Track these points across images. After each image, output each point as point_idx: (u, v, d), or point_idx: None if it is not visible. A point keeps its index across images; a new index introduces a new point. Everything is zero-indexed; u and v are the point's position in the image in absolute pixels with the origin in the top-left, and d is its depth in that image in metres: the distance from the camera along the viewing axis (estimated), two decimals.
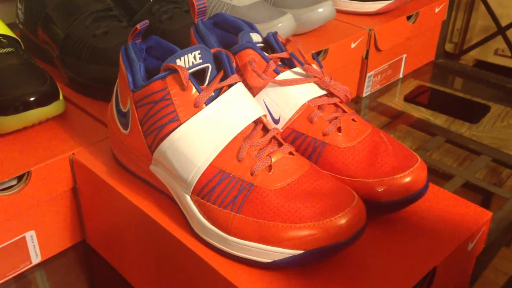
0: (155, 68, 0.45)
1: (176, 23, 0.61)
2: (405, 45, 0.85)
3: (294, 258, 0.35)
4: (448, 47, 1.36)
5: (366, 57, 0.78)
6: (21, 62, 0.52)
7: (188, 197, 0.39)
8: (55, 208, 0.50)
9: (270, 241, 0.35)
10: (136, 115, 0.42)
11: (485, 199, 0.64)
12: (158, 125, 0.40)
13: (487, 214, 0.43)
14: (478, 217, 0.42)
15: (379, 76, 0.83)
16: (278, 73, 0.44)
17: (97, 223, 0.51)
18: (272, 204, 0.36)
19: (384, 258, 0.38)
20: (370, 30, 0.75)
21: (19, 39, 0.57)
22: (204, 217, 0.38)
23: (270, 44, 0.46)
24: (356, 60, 0.78)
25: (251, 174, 0.37)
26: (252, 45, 0.44)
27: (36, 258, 0.51)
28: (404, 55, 0.86)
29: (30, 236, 0.49)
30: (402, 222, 0.41)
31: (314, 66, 0.46)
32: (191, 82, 0.39)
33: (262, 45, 0.46)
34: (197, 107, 0.39)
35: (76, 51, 0.57)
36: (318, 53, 0.70)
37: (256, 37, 0.46)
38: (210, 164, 0.38)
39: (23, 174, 0.46)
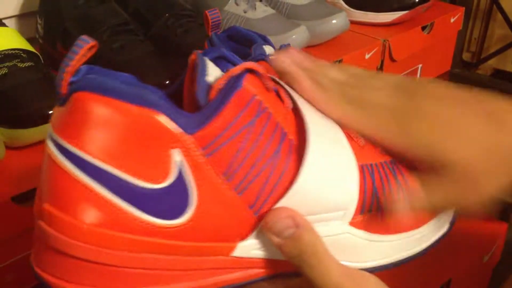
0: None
1: (191, 37, 0.62)
2: (421, 55, 0.85)
3: None
4: (466, 56, 1.35)
5: (381, 68, 0.78)
6: (40, 76, 0.53)
7: (346, 227, 0.30)
8: None
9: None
10: (211, 171, 0.27)
11: (503, 208, 0.63)
12: (268, 157, 0.28)
13: (503, 225, 0.42)
14: (493, 228, 0.42)
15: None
16: None
17: None
18: (415, 165, 0.33)
19: (398, 271, 0.38)
20: (384, 40, 0.75)
21: (38, 54, 0.58)
22: (367, 232, 0.31)
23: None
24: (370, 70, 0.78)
25: (382, 153, 0.33)
26: (265, 58, 0.45)
27: None
28: (420, 65, 0.86)
29: None
30: None
31: None
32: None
33: None
34: (289, 108, 0.30)
35: (93, 64, 0.58)
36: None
37: (269, 50, 0.47)
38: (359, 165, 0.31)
39: None
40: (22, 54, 0.55)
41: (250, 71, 0.28)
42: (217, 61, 0.29)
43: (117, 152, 0.25)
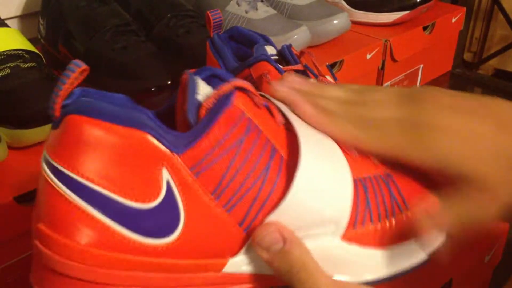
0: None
1: (193, 37, 0.62)
2: (422, 55, 0.85)
3: None
4: (467, 56, 1.35)
5: (382, 68, 0.78)
6: (43, 76, 0.53)
7: (337, 241, 0.30)
8: None
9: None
10: (200, 190, 0.27)
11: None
12: (258, 174, 0.28)
13: (504, 226, 0.42)
14: (495, 228, 0.42)
15: (395, 87, 0.83)
16: None
17: None
18: (415, 177, 0.33)
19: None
20: (386, 40, 0.75)
21: (41, 54, 0.59)
22: (360, 245, 0.31)
23: (284, 57, 0.47)
24: (372, 70, 0.78)
25: (376, 165, 0.32)
26: (266, 58, 0.45)
27: None
28: (421, 65, 0.86)
29: None
30: None
31: (328, 77, 0.46)
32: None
33: (276, 57, 0.47)
34: (280, 125, 0.30)
35: (95, 65, 0.59)
36: (333, 64, 0.70)
37: (270, 50, 0.47)
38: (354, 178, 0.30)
39: None
40: (24, 55, 0.56)
41: (240, 88, 0.28)
42: (210, 79, 0.30)
43: (108, 173, 0.26)
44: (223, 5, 0.70)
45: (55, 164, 0.26)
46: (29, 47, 0.58)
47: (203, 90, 0.28)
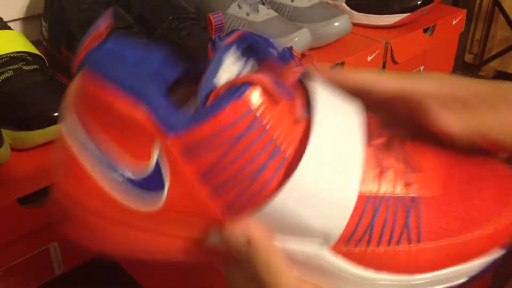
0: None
1: (194, 39, 0.62)
2: (423, 57, 0.85)
3: (495, 261, 0.30)
4: (468, 58, 1.35)
5: (383, 70, 0.78)
6: (45, 78, 0.54)
7: (324, 251, 0.28)
8: None
9: (465, 257, 0.29)
10: (187, 174, 0.27)
11: None
12: (251, 171, 0.27)
13: None
14: None
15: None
16: None
17: None
18: (451, 211, 0.29)
19: None
20: (386, 43, 0.76)
21: (43, 56, 0.59)
22: (361, 267, 0.29)
23: (285, 59, 0.47)
24: None
25: (406, 185, 0.29)
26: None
27: (59, 269, 0.52)
28: (422, 67, 0.86)
29: (54, 248, 0.51)
30: None
31: None
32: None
33: None
34: (298, 122, 0.28)
35: None
36: (334, 67, 0.70)
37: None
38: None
39: (46, 187, 0.47)
40: (27, 57, 0.56)
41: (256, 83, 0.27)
42: (248, 50, 0.30)
43: (105, 136, 0.27)
44: (224, 7, 0.71)
45: (67, 112, 0.28)
46: (32, 49, 0.58)
47: (227, 71, 0.28)
